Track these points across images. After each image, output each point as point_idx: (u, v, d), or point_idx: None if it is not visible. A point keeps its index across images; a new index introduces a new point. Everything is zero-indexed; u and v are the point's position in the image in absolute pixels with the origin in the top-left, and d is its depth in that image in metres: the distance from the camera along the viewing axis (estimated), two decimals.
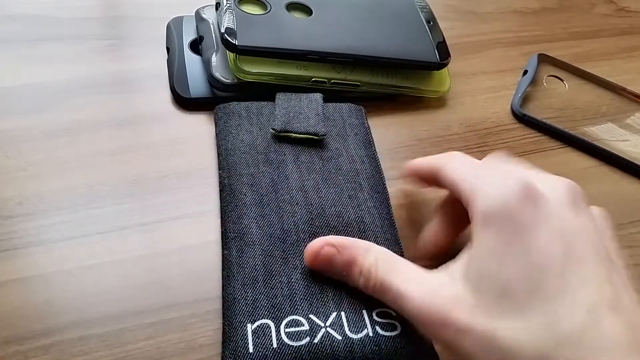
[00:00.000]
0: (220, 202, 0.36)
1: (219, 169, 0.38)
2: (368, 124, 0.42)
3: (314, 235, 0.34)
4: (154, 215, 0.36)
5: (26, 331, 0.30)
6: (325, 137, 0.39)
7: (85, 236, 0.34)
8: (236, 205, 0.35)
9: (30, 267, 0.33)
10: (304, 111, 0.40)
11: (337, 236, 0.33)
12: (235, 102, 0.41)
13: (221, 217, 0.35)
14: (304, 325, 0.30)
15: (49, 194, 0.36)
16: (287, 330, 0.30)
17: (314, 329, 0.30)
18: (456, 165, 0.33)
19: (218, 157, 0.39)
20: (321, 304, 0.31)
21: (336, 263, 0.31)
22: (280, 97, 0.41)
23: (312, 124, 0.40)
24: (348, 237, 0.32)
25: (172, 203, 0.37)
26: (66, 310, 0.31)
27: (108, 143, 0.39)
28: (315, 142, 0.40)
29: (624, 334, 0.24)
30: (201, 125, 0.42)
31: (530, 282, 0.26)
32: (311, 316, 0.30)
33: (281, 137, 0.39)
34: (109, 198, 0.36)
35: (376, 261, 0.30)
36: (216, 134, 0.40)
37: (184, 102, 0.42)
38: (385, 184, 0.38)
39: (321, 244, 0.31)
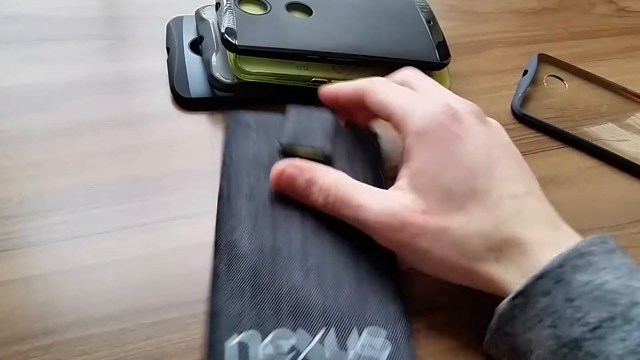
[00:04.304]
0: (217, 211, 0.35)
1: (221, 177, 0.37)
2: (381, 150, 0.41)
3: (307, 254, 0.33)
4: (154, 215, 0.36)
5: (26, 331, 0.30)
6: (331, 157, 0.37)
7: (86, 236, 0.34)
8: (231, 215, 0.34)
9: (31, 267, 0.33)
10: (313, 127, 0.38)
11: (300, 160, 0.36)
12: (248, 112, 0.41)
13: (216, 226, 0.35)
14: (291, 338, 0.29)
15: (49, 194, 0.36)
16: (274, 343, 0.29)
17: (301, 343, 0.29)
18: (382, 89, 0.36)
19: (222, 165, 0.38)
20: (310, 319, 0.30)
21: (298, 183, 0.35)
22: (291, 110, 0.39)
23: (319, 141, 0.37)
24: (310, 162, 0.36)
25: (172, 203, 0.37)
26: (66, 310, 0.31)
27: (108, 143, 0.39)
28: (320, 161, 0.37)
29: (541, 211, 0.32)
30: (201, 125, 0.42)
31: (465, 184, 0.31)
32: (300, 330, 0.30)
33: (287, 152, 0.37)
34: (109, 198, 0.36)
35: (336, 181, 0.34)
36: (224, 142, 0.39)
37: (184, 102, 0.42)
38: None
39: (285, 165, 0.35)
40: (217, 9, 0.44)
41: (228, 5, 0.43)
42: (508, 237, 0.30)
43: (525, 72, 0.49)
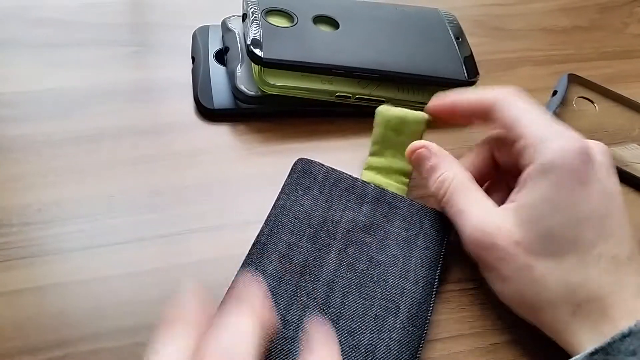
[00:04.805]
0: (248, 252, 0.33)
1: (265, 221, 0.35)
2: (445, 241, 0.36)
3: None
4: (172, 227, 0.36)
5: (39, 342, 0.30)
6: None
7: (103, 246, 0.34)
8: (256, 268, 0.32)
9: (47, 276, 0.33)
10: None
11: (434, 144, 0.37)
12: (319, 163, 0.38)
13: (240, 267, 0.33)
14: None
15: (68, 202, 0.36)
16: None
17: None
18: (519, 104, 0.34)
19: (271, 209, 0.36)
20: None
21: (424, 164, 0.36)
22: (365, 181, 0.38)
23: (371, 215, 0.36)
24: (442, 149, 0.36)
25: (191, 215, 0.36)
26: (80, 322, 0.31)
27: (129, 152, 0.39)
28: (372, 240, 0.35)
29: (636, 280, 0.30)
30: (223, 137, 0.41)
31: (571, 232, 0.30)
32: None
33: (341, 219, 0.35)
34: (128, 208, 0.36)
35: (454, 176, 0.35)
36: (283, 184, 0.37)
37: (207, 112, 0.42)
38: (429, 318, 0.33)
39: (422, 144, 0.37)
40: (243, 20, 0.44)
41: (255, 16, 0.43)
42: (593, 298, 0.29)
43: (555, 92, 0.48)
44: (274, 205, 0.36)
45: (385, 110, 0.38)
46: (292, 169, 0.38)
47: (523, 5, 0.59)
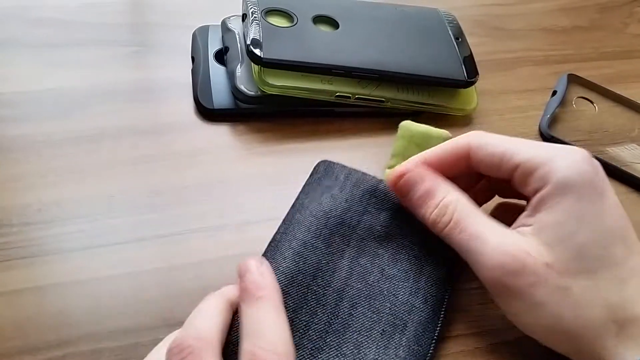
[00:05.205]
0: (266, 248, 0.33)
1: (283, 219, 0.34)
2: (454, 267, 0.35)
3: (318, 351, 0.30)
4: (172, 227, 0.36)
5: (39, 341, 0.30)
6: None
7: (103, 246, 0.34)
8: (270, 263, 0.31)
9: (47, 276, 0.33)
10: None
11: (426, 168, 0.33)
12: (341, 164, 0.37)
13: None
14: None
15: (68, 202, 0.36)
16: None
17: None
18: (494, 139, 0.33)
19: (290, 208, 0.35)
20: None
21: (416, 190, 0.33)
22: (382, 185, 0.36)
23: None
24: (436, 173, 0.33)
25: (190, 215, 0.36)
26: (80, 322, 0.31)
27: (129, 152, 0.39)
28: (384, 252, 0.34)
29: None
30: (223, 137, 0.41)
31: (601, 247, 0.29)
32: None
33: (358, 224, 0.34)
34: (127, 208, 0.36)
35: (457, 200, 0.32)
36: (304, 185, 0.37)
37: (207, 112, 0.42)
38: (435, 337, 0.32)
39: (411, 167, 0.33)
40: (243, 20, 0.44)
41: (255, 16, 0.43)
42: (635, 316, 0.28)
43: (554, 92, 0.48)
44: (292, 204, 0.35)
45: (409, 125, 0.37)
46: (313, 170, 0.37)
47: (523, 5, 0.59)
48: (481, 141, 0.33)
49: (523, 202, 0.33)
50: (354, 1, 0.49)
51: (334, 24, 0.45)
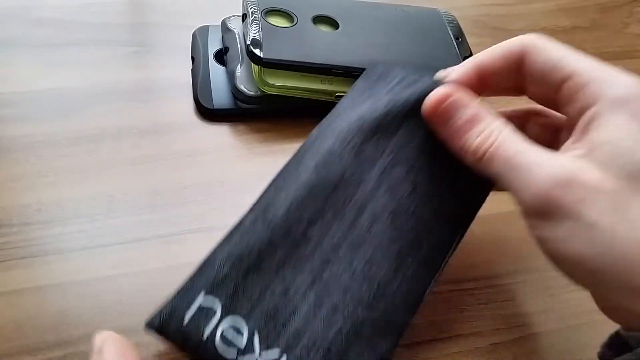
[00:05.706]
0: (288, 161, 0.31)
1: (317, 125, 0.32)
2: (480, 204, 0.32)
3: (328, 263, 0.29)
4: (172, 227, 0.36)
5: (39, 342, 0.30)
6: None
7: (103, 246, 0.34)
8: (288, 175, 0.30)
9: (47, 275, 0.33)
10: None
11: (462, 86, 0.30)
12: (400, 68, 0.32)
13: (270, 182, 0.31)
14: (242, 337, 0.27)
15: (68, 202, 0.36)
16: (224, 330, 0.27)
17: (247, 349, 0.27)
18: (554, 45, 0.30)
19: (329, 114, 0.32)
20: (273, 333, 0.27)
21: (460, 114, 0.29)
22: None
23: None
24: (476, 100, 0.30)
25: (191, 215, 0.36)
26: (80, 322, 0.31)
27: (130, 152, 0.39)
28: (423, 164, 0.31)
29: None
30: (223, 137, 0.41)
31: None
32: (255, 335, 0.27)
33: (400, 126, 0.31)
34: (128, 208, 0.36)
35: (503, 125, 0.29)
36: (350, 89, 0.34)
37: (207, 112, 0.42)
38: (446, 260, 0.31)
39: (453, 90, 0.30)
40: (243, 20, 0.44)
41: (254, 16, 0.43)
42: None
43: None
44: (331, 111, 0.33)
45: None
46: (366, 72, 0.34)
47: (523, 5, 0.59)
48: (538, 43, 0.30)
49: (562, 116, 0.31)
50: (354, 1, 0.49)
51: (334, 24, 0.45)
